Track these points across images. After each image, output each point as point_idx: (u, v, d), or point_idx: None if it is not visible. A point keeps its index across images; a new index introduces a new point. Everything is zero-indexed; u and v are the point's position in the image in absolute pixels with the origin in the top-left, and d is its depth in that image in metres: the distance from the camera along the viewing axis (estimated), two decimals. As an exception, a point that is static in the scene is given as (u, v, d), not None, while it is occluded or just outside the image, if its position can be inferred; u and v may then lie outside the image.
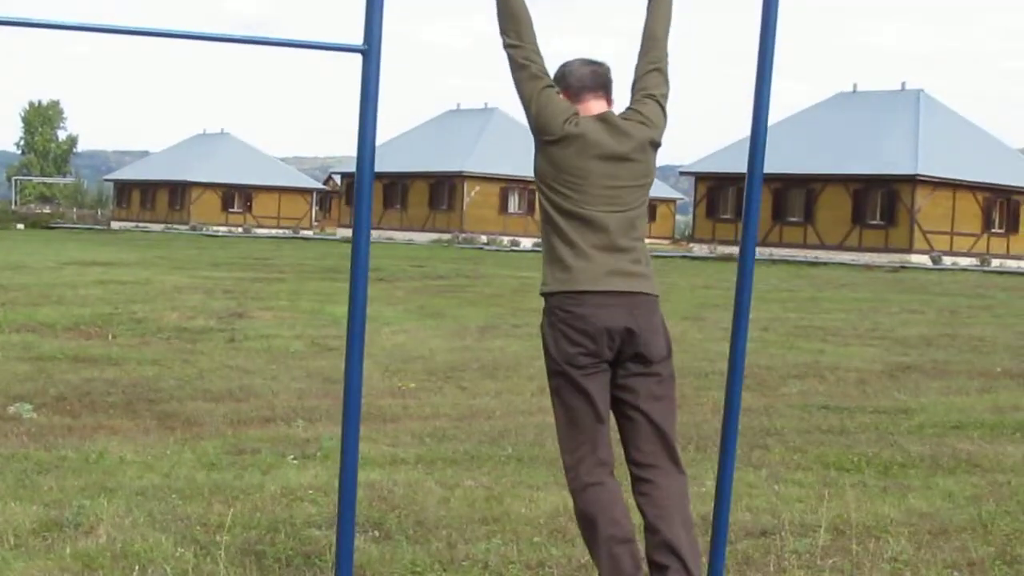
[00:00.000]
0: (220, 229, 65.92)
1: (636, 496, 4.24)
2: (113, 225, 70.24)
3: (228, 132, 77.25)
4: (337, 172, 76.42)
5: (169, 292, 20.37)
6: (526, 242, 53.59)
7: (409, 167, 60.78)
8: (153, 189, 73.04)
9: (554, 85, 4.30)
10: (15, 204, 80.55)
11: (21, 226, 59.75)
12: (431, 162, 59.72)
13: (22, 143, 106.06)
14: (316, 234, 66.96)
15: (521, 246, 51.92)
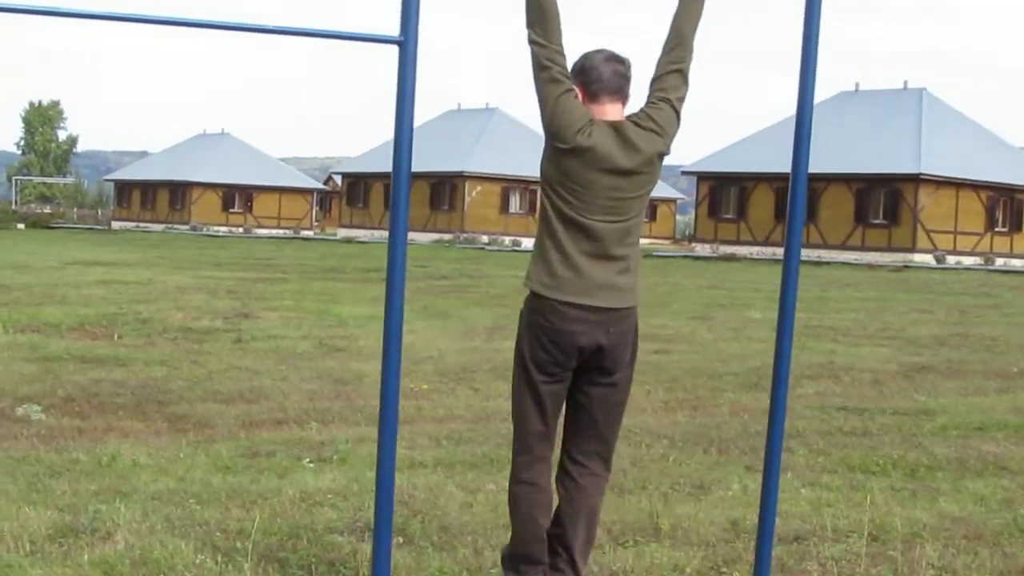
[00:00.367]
0: (220, 229, 65.78)
1: (557, 483, 4.49)
2: (113, 225, 70.07)
3: (228, 132, 77.08)
4: (337, 172, 76.25)
5: (173, 292, 20.26)
6: (527, 242, 53.41)
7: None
8: (153, 189, 72.91)
9: (573, 89, 4.25)
10: (15, 204, 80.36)
11: (22, 226, 59.66)
12: (432, 162, 59.55)
13: (22, 143, 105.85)
14: (317, 234, 66.85)
15: (523, 246, 51.77)
